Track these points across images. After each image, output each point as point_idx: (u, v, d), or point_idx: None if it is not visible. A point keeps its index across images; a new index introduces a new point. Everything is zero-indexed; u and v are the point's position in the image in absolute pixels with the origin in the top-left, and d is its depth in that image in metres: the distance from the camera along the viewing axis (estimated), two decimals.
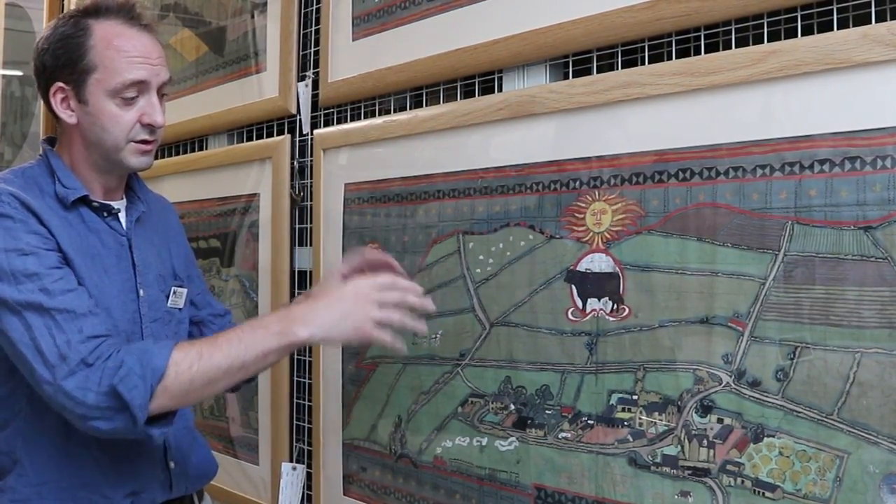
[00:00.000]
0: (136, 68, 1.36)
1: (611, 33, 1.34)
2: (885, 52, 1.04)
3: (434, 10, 1.63)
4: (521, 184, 1.44)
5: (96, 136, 1.38)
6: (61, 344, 1.21)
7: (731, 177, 1.18)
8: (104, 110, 1.36)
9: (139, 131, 1.39)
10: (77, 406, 1.20)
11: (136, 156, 1.40)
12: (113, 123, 1.37)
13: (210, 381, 1.25)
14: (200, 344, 1.27)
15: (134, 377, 1.20)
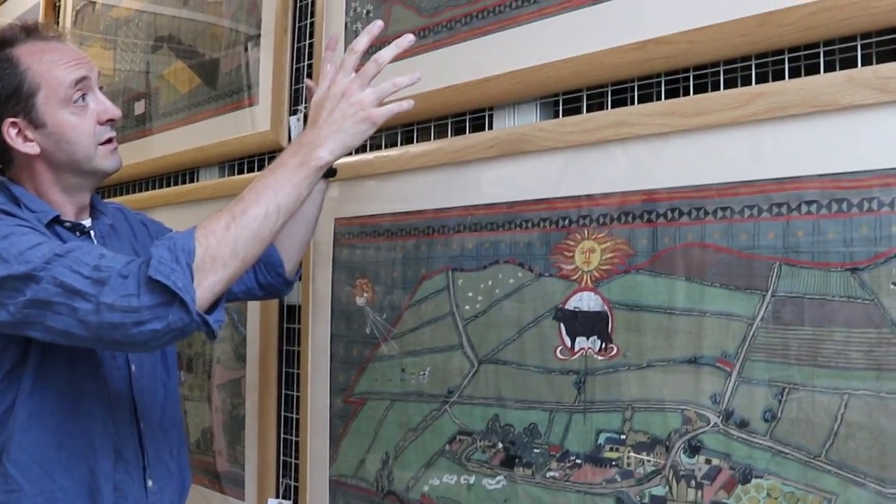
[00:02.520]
0: (73, 69, 1.39)
1: (600, 73, 1.35)
2: (871, 96, 1.05)
3: (426, 48, 1.64)
4: (511, 221, 1.44)
5: (66, 154, 1.38)
6: (89, 272, 1.17)
7: (720, 217, 1.18)
8: (65, 123, 1.37)
9: (102, 131, 1.42)
10: (125, 315, 1.14)
11: (108, 157, 1.43)
12: (77, 133, 1.38)
13: (254, 235, 1.21)
14: (230, 207, 1.23)
15: (167, 262, 1.14)
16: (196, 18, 2.44)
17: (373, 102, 1.30)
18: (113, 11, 2.91)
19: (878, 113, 1.05)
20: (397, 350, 1.64)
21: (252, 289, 1.64)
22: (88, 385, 1.40)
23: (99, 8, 3.02)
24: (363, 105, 1.30)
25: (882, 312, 1.03)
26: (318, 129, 1.29)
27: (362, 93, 1.30)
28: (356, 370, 1.73)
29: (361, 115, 1.30)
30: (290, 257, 1.63)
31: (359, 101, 1.30)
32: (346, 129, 1.30)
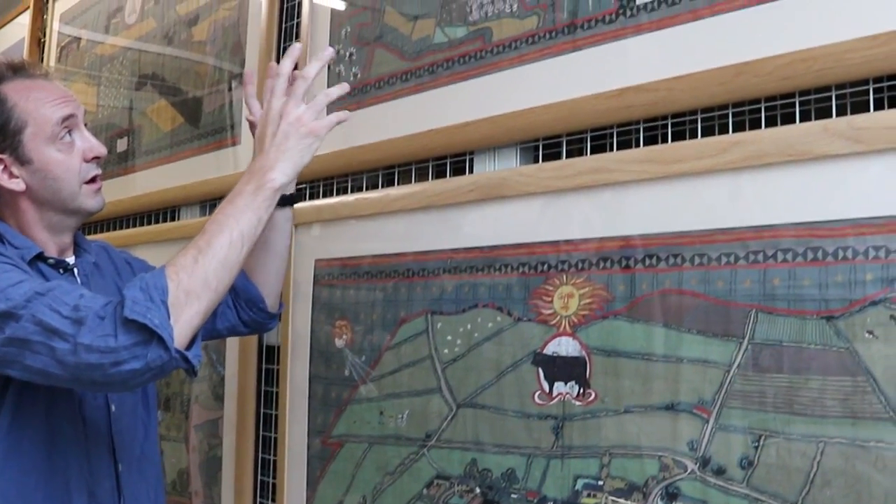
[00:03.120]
0: (61, 107, 1.39)
1: (580, 119, 1.36)
2: (845, 146, 1.06)
3: (408, 91, 1.65)
4: (490, 265, 1.45)
5: (51, 191, 1.38)
6: (69, 311, 1.15)
7: (697, 264, 1.19)
8: (51, 160, 1.37)
9: (87, 169, 1.41)
10: (103, 355, 1.12)
11: (92, 197, 1.43)
12: (64, 170, 1.38)
13: (223, 264, 1.20)
14: (195, 241, 1.22)
15: (141, 302, 1.13)
16: (180, 56, 2.45)
17: (312, 117, 1.31)
18: (97, 49, 2.92)
19: (853, 163, 1.06)
20: (376, 392, 1.63)
21: (236, 325, 1.64)
22: (66, 425, 1.38)
23: (84, 45, 3.02)
24: (303, 121, 1.31)
25: (857, 360, 1.04)
26: (265, 154, 1.30)
27: (298, 110, 1.31)
28: (334, 412, 1.72)
29: (303, 130, 1.31)
30: (270, 291, 1.63)
31: (297, 119, 1.31)
32: (292, 147, 1.30)
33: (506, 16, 1.50)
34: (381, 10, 1.76)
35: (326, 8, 1.90)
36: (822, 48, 1.10)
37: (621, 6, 1.33)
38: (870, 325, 1.03)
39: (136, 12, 2.71)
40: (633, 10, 1.32)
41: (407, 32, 1.68)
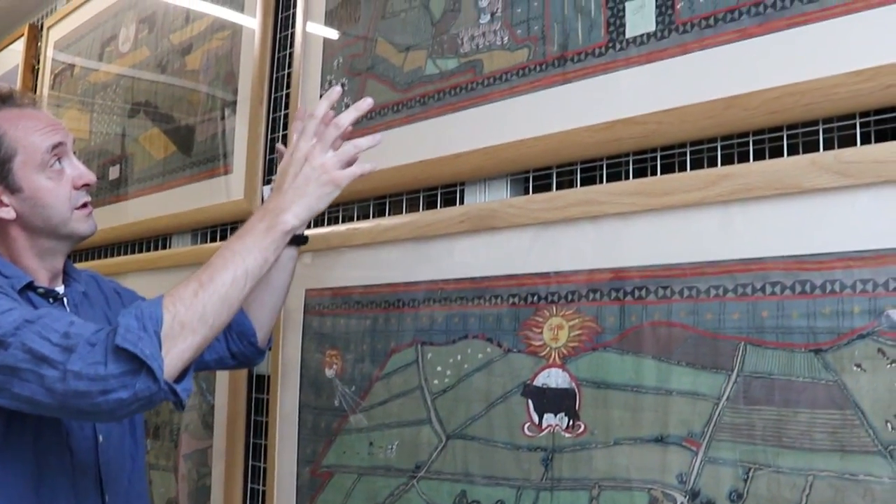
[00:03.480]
0: (50, 135, 1.39)
1: (570, 151, 1.37)
2: (833, 180, 1.07)
3: (399, 122, 1.66)
4: (480, 296, 1.45)
5: (42, 218, 1.38)
6: (58, 339, 1.15)
7: (686, 296, 1.19)
8: (41, 187, 1.37)
9: (77, 196, 1.42)
10: (92, 383, 1.12)
11: (84, 221, 1.43)
12: (54, 197, 1.38)
13: (223, 301, 1.20)
14: (198, 274, 1.22)
15: (134, 331, 1.12)
16: (173, 85, 2.46)
17: (335, 165, 1.31)
18: (91, 76, 2.94)
19: (840, 196, 1.07)
20: (366, 423, 1.63)
21: (224, 358, 1.63)
22: (53, 456, 1.37)
23: (77, 72, 3.04)
24: (326, 168, 1.31)
25: (845, 394, 1.04)
26: (283, 195, 1.30)
27: (324, 156, 1.31)
28: (324, 442, 1.72)
29: (325, 178, 1.31)
30: (262, 326, 1.62)
31: (321, 165, 1.31)
32: (311, 192, 1.30)
33: (497, 48, 1.51)
34: (373, 41, 1.77)
35: (319, 39, 1.91)
36: (809, 83, 1.11)
37: (611, 39, 1.34)
38: (858, 358, 1.03)
39: (129, 41, 2.72)
40: (622, 43, 1.33)
41: (398, 63, 1.70)
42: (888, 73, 1.05)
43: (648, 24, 1.30)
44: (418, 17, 1.67)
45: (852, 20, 1.10)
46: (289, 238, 1.30)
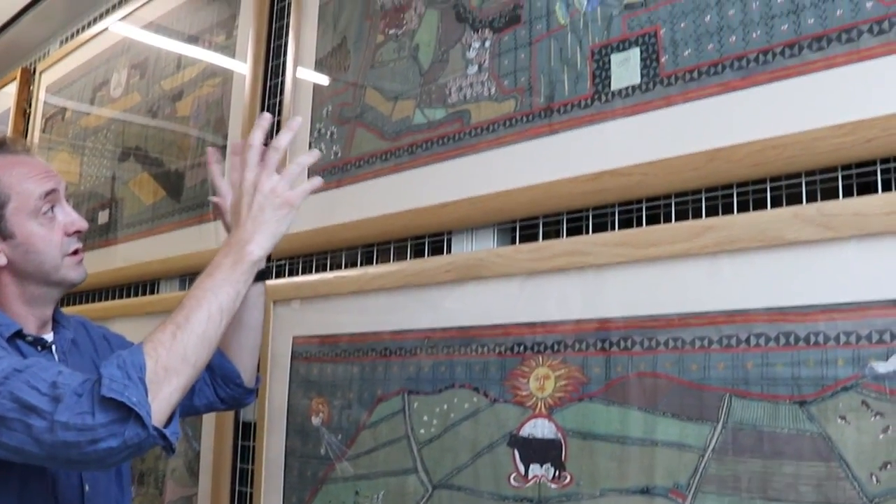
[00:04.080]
0: (43, 181, 1.40)
1: (556, 202, 1.38)
2: (815, 232, 1.08)
3: (388, 170, 1.67)
4: (467, 345, 1.45)
5: (34, 265, 1.38)
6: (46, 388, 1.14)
7: (671, 347, 1.20)
8: (34, 234, 1.37)
9: (69, 243, 1.41)
10: (80, 433, 1.11)
11: (74, 268, 1.43)
12: (46, 244, 1.38)
13: (201, 339, 1.19)
14: (173, 316, 1.21)
15: (119, 379, 1.11)
16: (164, 130, 2.47)
17: (286, 187, 1.32)
18: (82, 120, 2.95)
19: (823, 249, 1.08)
20: (351, 472, 1.62)
21: (213, 402, 1.62)
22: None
23: (69, 116, 3.05)
24: (277, 192, 1.31)
25: (830, 446, 1.04)
26: (243, 227, 1.31)
27: (272, 180, 1.32)
28: (310, 491, 1.70)
29: (278, 201, 1.31)
30: (245, 366, 1.62)
31: (272, 190, 1.31)
32: (268, 219, 1.31)
33: (484, 99, 1.53)
34: (362, 89, 1.78)
35: (309, 87, 1.93)
36: (791, 136, 1.13)
37: (596, 91, 1.36)
38: (842, 410, 1.04)
39: (121, 86, 2.74)
40: (607, 95, 1.34)
41: (387, 112, 1.71)
42: (868, 126, 1.06)
43: (633, 77, 1.32)
44: (407, 67, 1.69)
45: (833, 75, 1.12)
46: (256, 269, 1.31)
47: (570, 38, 1.41)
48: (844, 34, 1.11)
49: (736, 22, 1.21)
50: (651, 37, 1.31)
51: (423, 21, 1.68)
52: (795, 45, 1.15)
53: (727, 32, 1.22)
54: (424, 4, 1.69)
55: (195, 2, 2.44)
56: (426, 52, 1.66)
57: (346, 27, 1.87)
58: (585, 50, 1.39)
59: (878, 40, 1.08)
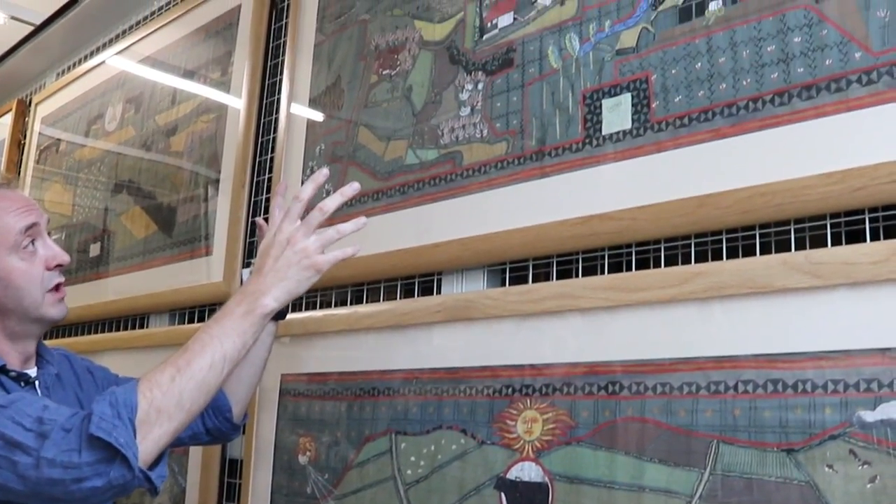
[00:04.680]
0: (24, 215, 1.39)
1: (546, 245, 1.38)
2: (803, 280, 1.08)
3: (379, 210, 1.68)
4: (455, 387, 1.45)
5: (13, 300, 1.37)
6: (31, 424, 1.13)
7: (659, 392, 1.20)
8: (14, 269, 1.36)
9: (50, 278, 1.40)
10: (66, 471, 1.10)
11: (55, 305, 1.42)
12: (26, 279, 1.37)
13: (200, 386, 1.19)
14: (175, 358, 1.21)
15: (108, 419, 1.11)
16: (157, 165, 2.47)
17: (317, 250, 1.32)
18: (76, 153, 2.96)
19: (811, 297, 1.08)
20: None
21: (199, 433, 1.61)
22: None
23: (63, 148, 3.06)
24: (307, 253, 1.31)
25: (817, 495, 1.04)
26: (263, 277, 1.30)
27: (307, 240, 1.32)
28: None
29: (306, 262, 1.31)
30: (239, 401, 1.61)
31: (303, 249, 1.31)
32: (291, 276, 1.31)
33: (476, 140, 1.53)
34: (355, 129, 1.79)
35: (302, 125, 1.94)
36: (780, 183, 1.13)
37: (588, 135, 1.37)
38: (829, 458, 1.03)
39: (116, 120, 2.75)
40: (599, 139, 1.35)
41: (379, 152, 1.72)
42: (857, 175, 1.07)
43: (624, 122, 1.33)
44: (400, 108, 1.70)
45: (822, 124, 1.13)
46: (268, 321, 1.30)
47: (562, 82, 1.42)
48: (833, 83, 1.12)
49: (726, 69, 1.23)
50: (642, 82, 1.32)
51: (416, 62, 1.70)
52: (785, 93, 1.16)
53: (717, 79, 1.23)
54: (419, 46, 1.70)
55: (192, 38, 2.46)
56: (419, 93, 1.67)
57: (340, 66, 1.88)
58: (577, 94, 1.40)
59: (866, 90, 1.09)
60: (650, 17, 1.33)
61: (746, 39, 1.21)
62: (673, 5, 1.30)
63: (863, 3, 1.11)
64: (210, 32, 2.38)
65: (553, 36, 1.45)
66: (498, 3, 1.56)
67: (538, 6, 1.49)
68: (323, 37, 1.96)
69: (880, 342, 1.03)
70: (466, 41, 1.61)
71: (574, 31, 1.42)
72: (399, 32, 1.76)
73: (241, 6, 2.27)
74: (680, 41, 1.28)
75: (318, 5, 2.00)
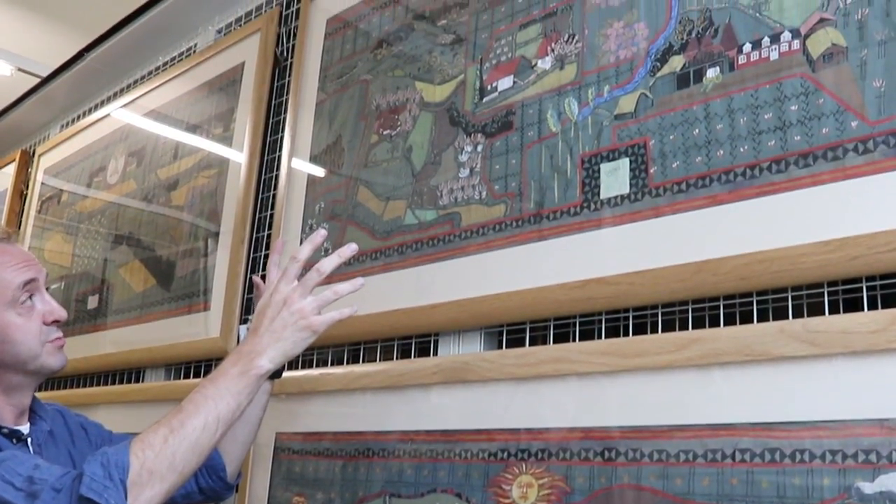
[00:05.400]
0: (23, 271, 1.39)
1: (544, 308, 1.38)
2: (801, 348, 1.07)
3: (377, 269, 1.68)
4: (450, 449, 1.43)
5: (10, 355, 1.36)
6: (21, 483, 1.12)
7: (655, 459, 1.18)
8: (11, 324, 1.36)
9: (48, 332, 1.40)
10: None
11: (54, 355, 1.41)
12: (23, 334, 1.37)
13: (193, 447, 1.18)
14: (168, 418, 1.20)
15: (99, 479, 1.10)
16: (157, 219, 2.48)
17: (314, 311, 1.32)
18: (78, 204, 2.97)
19: (808, 365, 1.08)
20: None
21: (192, 492, 1.60)
22: None
23: (65, 199, 3.07)
24: (304, 313, 1.31)
25: None
26: (259, 338, 1.30)
27: (303, 301, 1.32)
28: None
29: (302, 323, 1.31)
30: (233, 460, 1.60)
31: (300, 310, 1.31)
32: (287, 337, 1.30)
33: (475, 202, 1.54)
34: (354, 188, 1.80)
35: (302, 183, 1.95)
36: (777, 251, 1.13)
37: (586, 199, 1.37)
38: None
39: (118, 173, 2.77)
40: (597, 203, 1.36)
41: (379, 212, 1.72)
42: (854, 244, 1.07)
43: (622, 187, 1.33)
44: (400, 168, 1.71)
45: (819, 191, 1.13)
46: (263, 381, 1.30)
47: (560, 146, 1.43)
48: (830, 152, 1.13)
49: (724, 136, 1.23)
50: (640, 147, 1.32)
51: (417, 123, 1.71)
52: (782, 160, 1.17)
53: (715, 146, 1.24)
54: (419, 107, 1.72)
55: (195, 93, 2.48)
56: (419, 153, 1.68)
57: (341, 125, 1.90)
58: (575, 158, 1.40)
59: (862, 159, 1.10)
60: (648, 83, 1.34)
61: (744, 107, 1.22)
62: (671, 72, 1.31)
63: (858, 73, 1.12)
64: (214, 88, 2.41)
65: (552, 100, 1.46)
66: (498, 66, 1.58)
67: (538, 70, 1.50)
68: (325, 95, 1.98)
69: (879, 412, 1.02)
70: (466, 103, 1.62)
71: (573, 95, 1.44)
72: (400, 93, 1.77)
73: (245, 63, 2.29)
74: (678, 107, 1.29)
75: (321, 64, 2.02)
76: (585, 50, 1.44)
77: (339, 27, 2.01)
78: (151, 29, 2.73)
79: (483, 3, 1.65)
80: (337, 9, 2.03)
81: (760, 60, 1.22)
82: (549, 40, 1.50)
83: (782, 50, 1.20)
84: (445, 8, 1.73)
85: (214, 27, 2.59)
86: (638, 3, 1.39)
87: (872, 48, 1.11)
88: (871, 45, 1.11)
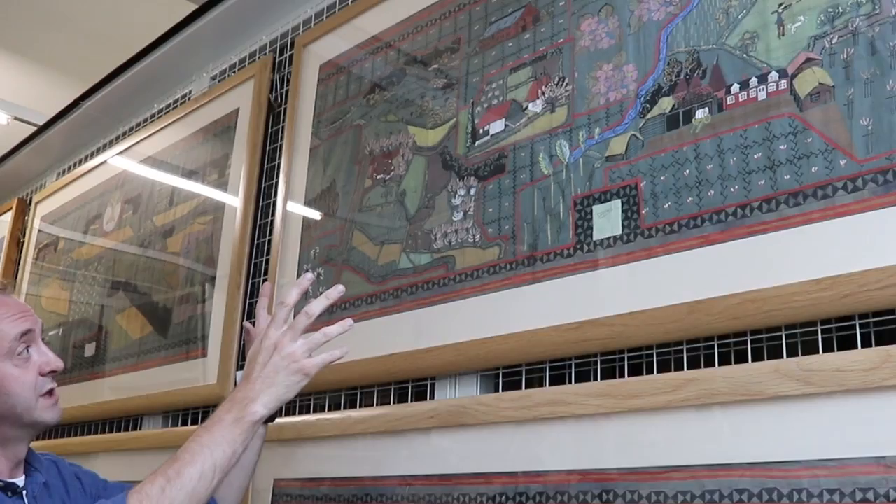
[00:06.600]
0: (19, 322, 1.39)
1: (539, 350, 1.38)
2: (796, 387, 1.07)
3: (373, 314, 1.68)
4: (448, 494, 1.43)
5: (6, 407, 1.36)
6: None
7: (653, 501, 1.18)
8: (7, 376, 1.36)
9: (43, 383, 1.39)
10: None
11: (49, 409, 1.40)
12: (20, 386, 1.36)
13: (190, 496, 1.18)
14: (164, 468, 1.20)
15: None
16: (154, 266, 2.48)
17: (304, 354, 1.32)
18: (74, 252, 2.97)
19: (804, 404, 1.07)
20: None
21: None
22: None
23: (62, 246, 3.08)
24: (295, 357, 1.31)
25: None
26: (251, 384, 1.30)
27: (294, 345, 1.32)
28: None
29: (294, 367, 1.31)
30: None
31: (290, 354, 1.31)
32: (280, 382, 1.31)
33: (469, 245, 1.54)
34: (349, 232, 1.81)
35: (297, 228, 1.96)
36: (769, 290, 1.14)
37: (579, 241, 1.38)
38: None
39: (114, 220, 2.78)
40: (590, 245, 1.36)
41: (373, 256, 1.73)
42: (845, 282, 1.07)
43: (615, 228, 1.34)
44: (394, 212, 1.72)
45: (810, 230, 1.13)
46: (257, 428, 1.30)
47: (553, 188, 1.44)
48: (820, 190, 1.13)
49: (714, 176, 1.24)
50: (632, 189, 1.33)
51: (410, 167, 1.72)
52: (773, 199, 1.17)
53: (706, 186, 1.25)
54: (412, 151, 1.73)
55: (191, 140, 2.50)
56: (413, 197, 1.69)
57: (335, 171, 1.91)
58: (568, 200, 1.41)
59: (852, 197, 1.11)
60: (639, 124, 1.35)
61: (733, 147, 1.23)
62: (660, 113, 1.33)
63: (846, 111, 1.13)
64: (209, 135, 2.42)
65: (544, 142, 1.48)
66: (490, 110, 1.59)
67: (529, 113, 1.52)
68: (319, 141, 1.99)
69: (875, 451, 1.01)
70: (459, 147, 1.63)
71: (564, 137, 1.45)
72: (393, 138, 1.79)
73: (239, 110, 2.31)
74: (668, 148, 1.30)
75: (314, 110, 2.04)
76: (576, 92, 1.45)
77: (332, 73, 2.03)
78: (146, 76, 2.76)
79: (474, 47, 1.67)
80: (330, 54, 2.05)
81: (749, 101, 1.23)
82: (539, 83, 1.52)
83: (770, 90, 1.21)
84: (437, 52, 1.75)
85: (209, 74, 2.61)
86: (626, 46, 1.40)
87: (859, 87, 1.12)
88: (857, 84, 1.13)
